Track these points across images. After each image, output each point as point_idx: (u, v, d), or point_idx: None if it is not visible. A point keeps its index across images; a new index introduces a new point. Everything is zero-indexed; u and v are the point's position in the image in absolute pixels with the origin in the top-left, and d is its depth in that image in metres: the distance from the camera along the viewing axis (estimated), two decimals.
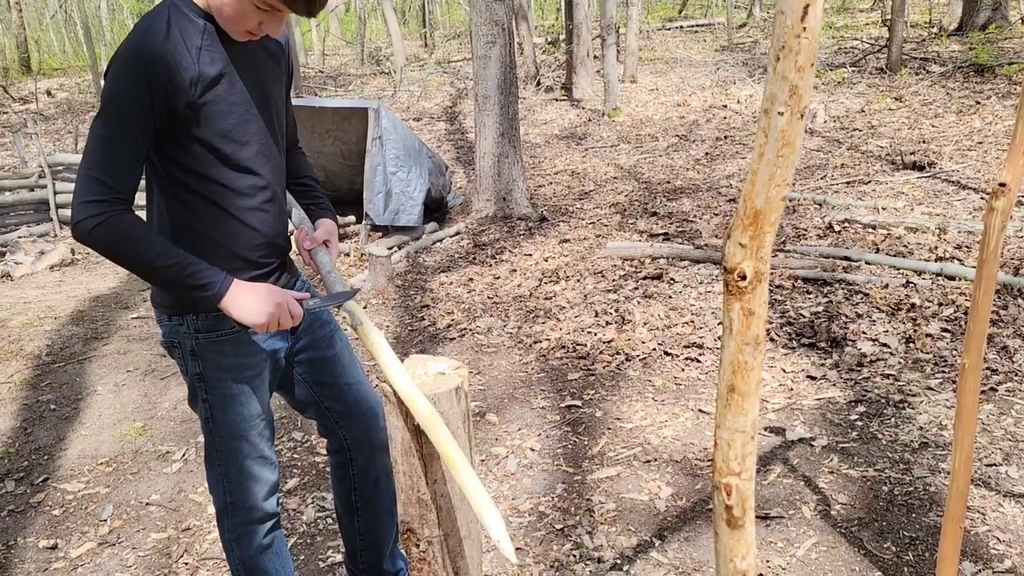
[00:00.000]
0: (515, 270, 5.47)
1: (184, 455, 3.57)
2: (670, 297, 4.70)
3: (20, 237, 7.57)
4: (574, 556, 2.73)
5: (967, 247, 5.18)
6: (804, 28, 1.01)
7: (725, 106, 11.14)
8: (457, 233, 6.42)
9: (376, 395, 2.26)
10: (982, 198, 6.18)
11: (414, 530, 2.03)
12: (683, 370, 3.94)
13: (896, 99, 10.45)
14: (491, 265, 5.64)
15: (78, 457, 3.62)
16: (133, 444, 3.70)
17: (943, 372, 3.67)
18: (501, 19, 6.37)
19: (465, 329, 4.63)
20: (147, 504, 3.25)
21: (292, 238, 2.13)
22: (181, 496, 3.28)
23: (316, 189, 2.24)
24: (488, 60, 6.40)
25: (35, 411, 4.07)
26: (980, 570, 2.48)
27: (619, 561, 2.69)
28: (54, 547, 3.00)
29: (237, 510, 2.07)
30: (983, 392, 3.48)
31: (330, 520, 3.06)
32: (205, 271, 1.73)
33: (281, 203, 1.99)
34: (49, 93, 18.18)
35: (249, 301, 1.77)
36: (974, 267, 4.82)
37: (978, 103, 9.43)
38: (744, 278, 1.14)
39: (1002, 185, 1.91)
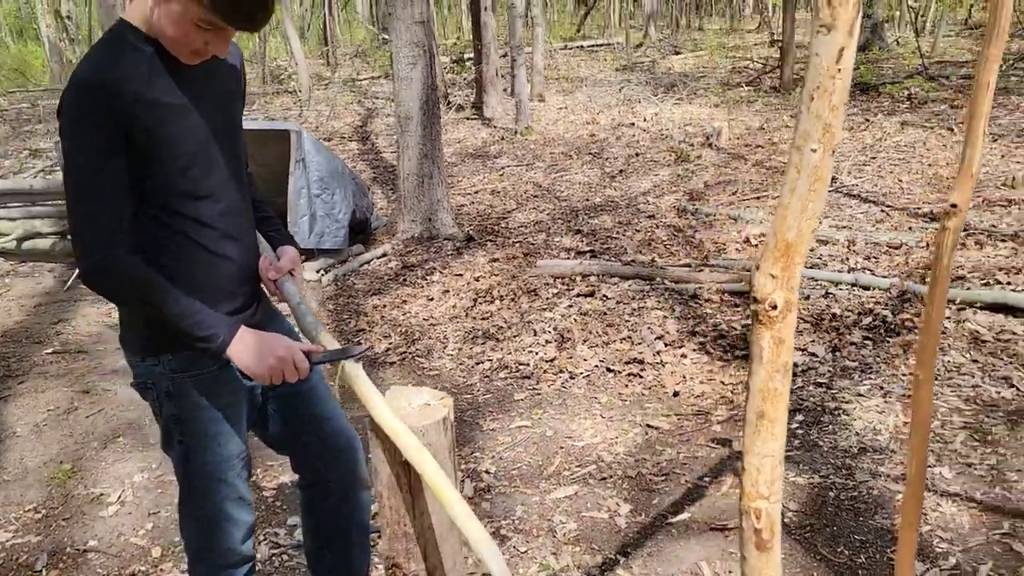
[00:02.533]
0: (448, 291, 5.46)
1: (120, 497, 3.39)
2: (605, 314, 4.78)
3: None
4: None
5: (875, 258, 5.47)
6: (839, 69, 1.07)
7: (633, 124, 11.43)
8: (384, 255, 6.36)
9: (352, 428, 2.22)
10: (882, 210, 6.54)
11: (400, 565, 2.01)
12: (627, 386, 4.01)
13: (792, 117, 10.96)
14: (423, 286, 5.61)
15: (2, 504, 3.40)
16: (63, 488, 3.49)
17: (870, 379, 3.86)
18: (422, 40, 6.37)
19: (405, 353, 4.59)
20: (85, 551, 3.08)
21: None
22: (122, 540, 3.12)
23: (273, 216, 2.20)
24: (410, 81, 6.38)
25: None
26: (928, 568, 2.62)
27: None
28: None
29: (213, 554, 2.00)
30: (908, 396, 3.68)
31: (285, 556, 2.97)
32: (209, 320, 1.71)
33: (250, 230, 1.96)
34: None
35: (251, 352, 1.74)
36: (884, 276, 5.11)
37: (867, 120, 9.99)
38: (775, 308, 1.19)
39: (953, 206, 2.03)
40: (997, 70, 1.82)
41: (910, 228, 5.99)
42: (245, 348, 1.74)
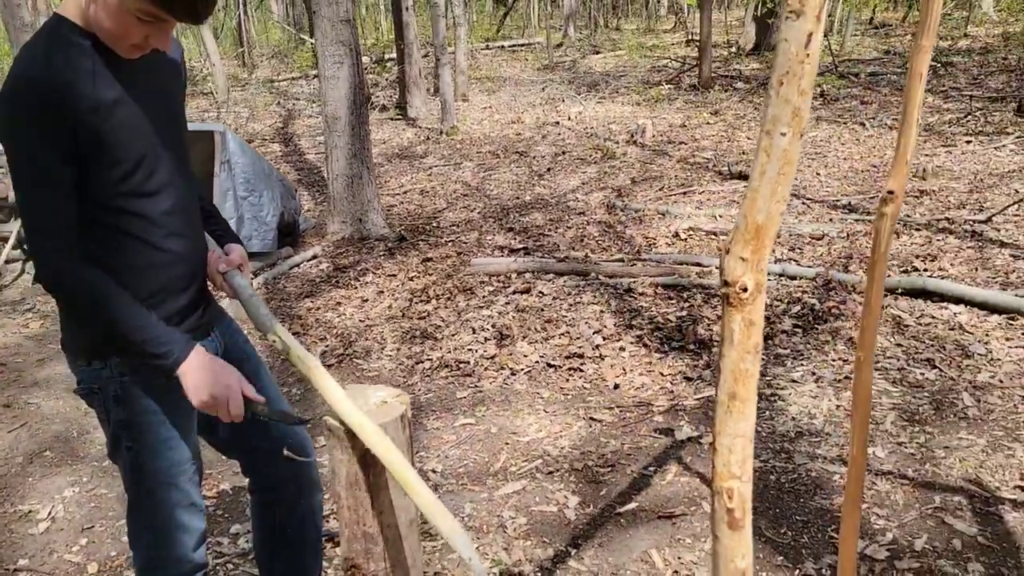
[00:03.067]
0: (382, 291, 5.40)
1: (51, 513, 3.25)
2: (542, 310, 4.80)
3: None
4: (494, 574, 2.73)
5: (799, 248, 5.65)
6: (808, 55, 1.09)
7: (557, 123, 11.52)
8: (314, 257, 6.24)
9: (303, 430, 2.18)
10: (803, 203, 6.76)
11: (359, 565, 1.97)
12: (568, 380, 4.04)
13: (712, 114, 11.23)
14: (356, 287, 5.53)
15: None
16: None
17: (802, 365, 3.98)
18: (348, 39, 6.28)
19: (343, 355, 4.51)
20: (15, 570, 2.93)
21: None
22: (55, 558, 2.99)
23: (218, 215, 2.16)
24: (337, 80, 6.28)
25: None
26: (868, 544, 2.71)
27: (539, 573, 2.73)
28: None
29: (164, 564, 1.93)
30: (839, 380, 3.81)
31: (230, 566, 2.90)
32: (164, 336, 1.68)
33: (198, 227, 1.92)
34: None
35: (198, 375, 1.71)
36: (810, 266, 5.28)
37: None
38: (746, 290, 1.21)
39: (890, 192, 2.10)
40: (929, 60, 1.89)
41: (830, 219, 6.20)
42: (193, 370, 1.72)
